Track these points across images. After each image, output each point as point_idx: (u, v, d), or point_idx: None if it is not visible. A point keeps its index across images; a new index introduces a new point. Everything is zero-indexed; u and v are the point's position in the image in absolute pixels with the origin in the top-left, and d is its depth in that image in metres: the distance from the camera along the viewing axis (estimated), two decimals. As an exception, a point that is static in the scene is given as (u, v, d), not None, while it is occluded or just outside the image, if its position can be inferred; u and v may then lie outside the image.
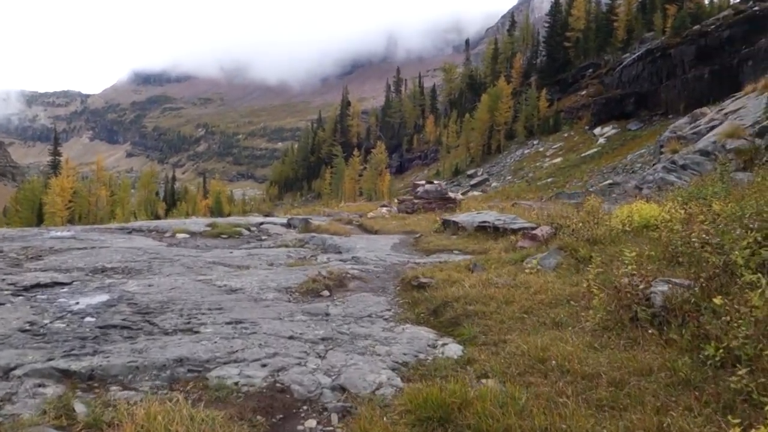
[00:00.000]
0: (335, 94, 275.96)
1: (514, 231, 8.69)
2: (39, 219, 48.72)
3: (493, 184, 64.29)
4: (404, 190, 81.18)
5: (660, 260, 5.66)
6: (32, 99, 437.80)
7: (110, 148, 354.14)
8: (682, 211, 6.62)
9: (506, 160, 71.54)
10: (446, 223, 11.08)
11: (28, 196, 52.20)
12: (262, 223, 14.78)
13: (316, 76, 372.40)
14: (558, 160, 61.56)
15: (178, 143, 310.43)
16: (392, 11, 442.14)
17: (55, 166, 60.54)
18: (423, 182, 19.78)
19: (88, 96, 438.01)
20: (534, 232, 7.51)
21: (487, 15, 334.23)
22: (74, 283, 5.68)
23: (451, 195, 17.96)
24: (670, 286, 4.59)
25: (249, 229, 13.25)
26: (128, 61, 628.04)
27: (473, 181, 66.83)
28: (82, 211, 51.32)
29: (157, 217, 70.94)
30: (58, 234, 10.79)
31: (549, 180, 55.60)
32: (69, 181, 47.72)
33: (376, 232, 12.90)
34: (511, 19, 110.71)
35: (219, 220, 15.03)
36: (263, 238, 12.31)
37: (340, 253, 9.15)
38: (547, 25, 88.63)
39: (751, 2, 54.77)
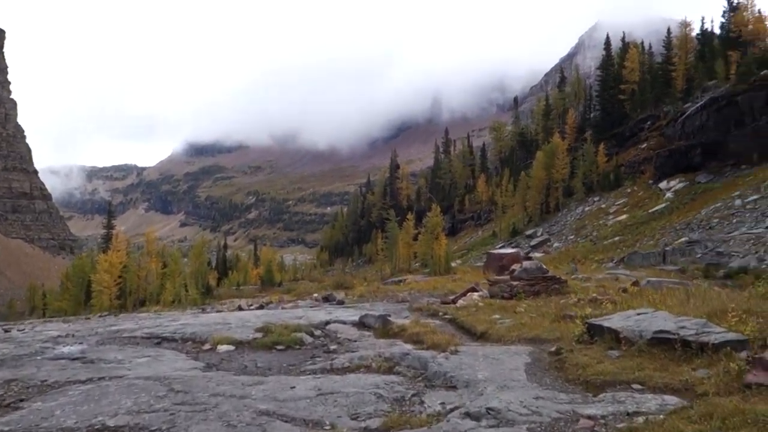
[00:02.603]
0: (382, 158, 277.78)
1: (716, 348, 5.97)
2: (87, 296, 47.67)
3: (555, 244, 61.01)
4: (459, 253, 78.29)
5: None
6: (92, 173, 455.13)
7: (164, 218, 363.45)
8: None
9: (566, 219, 68.30)
10: (594, 330, 8.10)
11: (77, 273, 51.38)
12: (327, 323, 12.02)
13: (364, 140, 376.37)
14: (623, 217, 58.11)
15: (229, 211, 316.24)
16: (436, 72, 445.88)
17: (107, 240, 60.07)
18: (505, 252, 17.13)
19: (143, 169, 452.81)
20: (769, 357, 4.87)
21: (531, 72, 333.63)
22: None
23: (554, 273, 15.13)
24: None
25: (312, 334, 10.43)
26: (182, 133, 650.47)
27: (533, 242, 63.62)
28: (132, 286, 50.07)
29: (209, 289, 69.63)
30: (65, 351, 8.44)
31: (616, 239, 52.23)
32: (118, 256, 46.63)
33: (482, 336, 9.83)
34: (560, 75, 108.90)
35: (273, 319, 12.15)
36: (332, 348, 9.55)
37: (454, 387, 6.41)
38: (598, 78, 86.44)
39: (825, 43, 51.51)
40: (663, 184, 60.47)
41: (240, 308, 18.84)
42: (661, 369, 6.16)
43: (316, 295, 34.45)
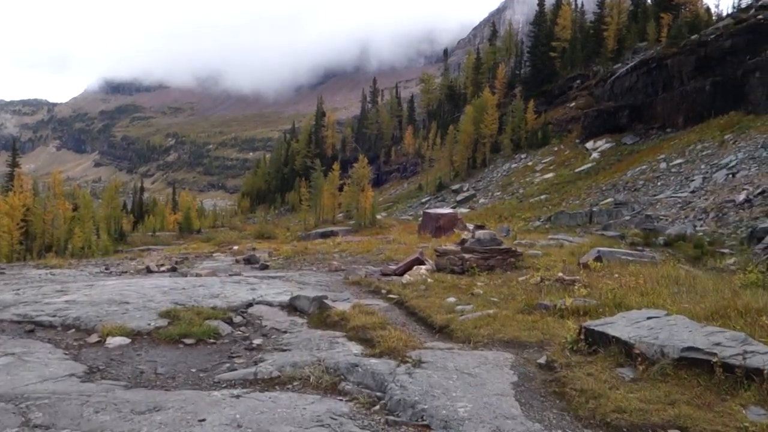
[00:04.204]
0: (307, 104, 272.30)
1: (760, 372, 4.68)
2: (-14, 241, 43.78)
3: (481, 200, 60.85)
4: (384, 205, 77.31)
5: None
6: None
7: (78, 157, 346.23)
8: None
9: (493, 175, 68.17)
10: (593, 338, 6.33)
11: (-26, 216, 47.08)
12: (249, 305, 9.79)
13: (290, 86, 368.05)
14: (549, 175, 58.30)
15: (147, 153, 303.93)
16: (365, 21, 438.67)
17: (10, 179, 55.60)
18: (442, 212, 15.86)
19: (55, 105, 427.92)
20: None
21: (460, 26, 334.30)
22: None
23: (507, 244, 13.79)
24: None
25: (230, 321, 8.48)
26: (98, 69, 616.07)
27: (459, 197, 63.27)
28: (37, 231, 46.32)
29: (122, 235, 66.15)
30: None
31: (542, 197, 52.31)
32: (21, 198, 42.83)
33: (442, 331, 7.87)
34: (491, 28, 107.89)
35: (183, 297, 10.01)
36: (255, 342, 7.49)
37: (428, 427, 4.64)
38: (530, 34, 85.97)
39: (753, 11, 52.22)
40: (590, 144, 60.96)
41: (149, 270, 16.71)
42: (700, 404, 4.71)
43: (236, 247, 32.57)
